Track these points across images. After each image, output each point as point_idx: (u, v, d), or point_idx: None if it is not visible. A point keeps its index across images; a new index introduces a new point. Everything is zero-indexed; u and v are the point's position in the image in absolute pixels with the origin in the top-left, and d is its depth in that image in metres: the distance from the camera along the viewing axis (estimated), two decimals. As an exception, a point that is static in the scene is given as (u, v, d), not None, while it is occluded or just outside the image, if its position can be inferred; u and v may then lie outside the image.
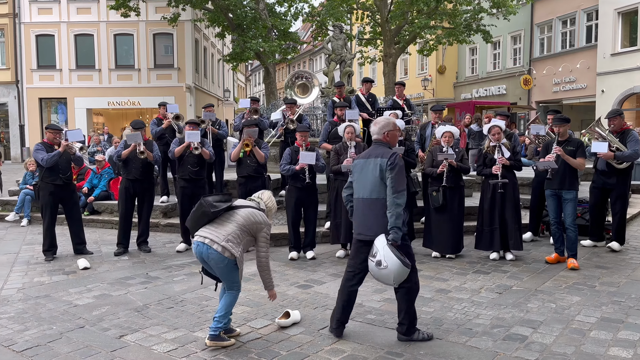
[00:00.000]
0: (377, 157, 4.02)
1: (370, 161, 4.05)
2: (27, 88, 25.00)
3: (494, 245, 6.52)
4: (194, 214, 4.04)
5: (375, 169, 3.99)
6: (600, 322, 4.43)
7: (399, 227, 3.87)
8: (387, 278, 3.90)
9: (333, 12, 19.50)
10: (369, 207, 4.03)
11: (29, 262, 6.81)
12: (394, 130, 4.19)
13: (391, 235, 3.87)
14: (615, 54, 19.83)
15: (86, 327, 4.45)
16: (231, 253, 3.94)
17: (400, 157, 4.06)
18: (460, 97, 29.26)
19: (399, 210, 3.86)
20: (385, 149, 4.08)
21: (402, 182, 3.93)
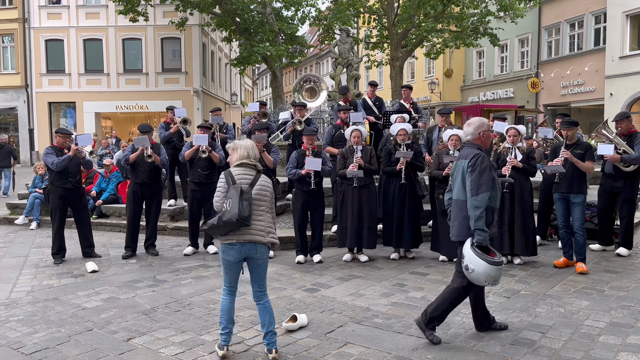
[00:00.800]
0: (461, 159, 4.12)
1: (458, 163, 4.17)
2: (37, 92, 25.21)
3: (503, 248, 6.48)
4: (228, 226, 3.80)
5: (459, 170, 4.10)
6: (609, 326, 4.40)
7: (480, 228, 3.91)
8: (479, 280, 3.94)
9: (340, 16, 19.54)
10: (457, 208, 4.14)
11: (38, 265, 6.86)
12: (488, 131, 4.26)
13: (475, 238, 3.93)
14: (624, 57, 19.70)
15: (94, 330, 4.47)
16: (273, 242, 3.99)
17: (483, 158, 4.03)
18: (468, 101, 29.18)
19: (477, 213, 3.90)
20: (472, 150, 4.11)
21: (481, 184, 3.93)
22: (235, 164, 3.95)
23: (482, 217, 3.90)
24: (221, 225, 3.77)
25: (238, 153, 3.97)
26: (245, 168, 3.94)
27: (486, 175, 3.95)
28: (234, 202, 3.73)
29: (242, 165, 3.94)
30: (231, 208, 3.73)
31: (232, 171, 3.91)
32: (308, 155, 6.65)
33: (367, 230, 6.67)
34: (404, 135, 6.79)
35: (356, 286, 5.67)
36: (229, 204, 3.74)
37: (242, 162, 3.93)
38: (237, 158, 3.96)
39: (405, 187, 6.74)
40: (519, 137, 6.52)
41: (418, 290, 5.51)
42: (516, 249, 6.43)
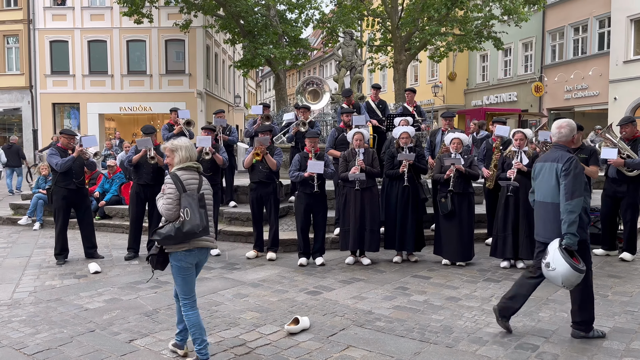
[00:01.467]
0: (553, 162, 4.13)
1: (547, 165, 4.18)
2: (41, 93, 25.29)
3: (507, 252, 6.46)
4: (189, 236, 3.73)
5: (551, 173, 4.12)
6: (612, 332, 4.38)
7: (572, 233, 3.94)
8: (555, 279, 3.99)
9: (344, 19, 19.56)
10: (543, 210, 4.20)
11: (40, 265, 6.87)
12: (578, 134, 4.29)
13: (565, 240, 3.96)
14: (628, 62, 19.66)
15: (96, 331, 4.47)
16: None
17: (577, 162, 4.07)
18: (471, 104, 29.14)
19: (572, 217, 3.94)
20: (562, 153, 4.15)
21: (577, 188, 3.97)
22: (179, 166, 3.83)
23: (576, 221, 3.96)
24: (180, 236, 3.65)
25: (180, 155, 3.85)
26: (190, 171, 3.85)
27: (580, 179, 4.01)
28: (192, 212, 3.63)
29: (187, 169, 3.84)
30: (191, 218, 3.62)
31: (179, 175, 3.77)
32: (311, 158, 6.65)
33: (370, 233, 6.66)
34: (406, 139, 6.79)
35: (358, 289, 5.66)
36: (187, 214, 3.63)
37: (187, 165, 3.85)
38: (180, 160, 3.85)
39: (408, 189, 6.73)
40: (525, 141, 6.51)
41: (421, 293, 5.50)
42: (521, 253, 6.41)
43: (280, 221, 8.42)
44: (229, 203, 9.07)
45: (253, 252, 7.18)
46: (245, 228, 8.18)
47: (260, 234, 7.27)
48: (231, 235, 8.19)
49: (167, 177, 3.81)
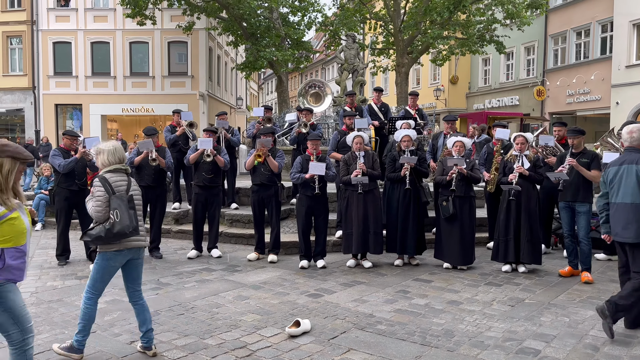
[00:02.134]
0: (631, 164, 4.41)
1: (624, 168, 4.43)
2: (44, 94, 25.36)
3: (508, 257, 6.45)
4: (118, 237, 3.81)
5: (630, 174, 4.37)
6: (615, 337, 4.36)
7: None
8: None
9: (346, 22, 19.57)
10: (628, 211, 4.37)
11: (42, 266, 6.88)
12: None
13: None
14: (630, 66, 19.65)
15: (98, 332, 4.48)
16: None
17: None
18: (473, 108, 29.14)
19: None
20: (639, 155, 4.41)
21: None
22: (107, 169, 3.92)
23: None
24: (111, 237, 3.76)
25: (102, 158, 3.94)
26: (119, 174, 3.94)
27: None
28: (122, 213, 3.75)
29: (115, 171, 3.93)
30: (121, 219, 3.75)
31: (107, 178, 3.86)
32: (312, 160, 6.65)
33: (373, 235, 6.66)
34: (407, 142, 6.79)
35: (360, 292, 5.66)
36: (117, 215, 3.75)
37: (116, 168, 3.93)
38: (103, 164, 3.94)
39: (410, 192, 6.73)
40: (527, 145, 6.51)
41: (422, 297, 5.49)
42: (522, 257, 6.41)
43: (282, 223, 8.42)
44: (231, 205, 9.08)
45: (254, 254, 7.18)
46: (247, 230, 8.18)
47: (261, 236, 7.28)
48: (232, 237, 8.19)
49: (96, 180, 3.90)
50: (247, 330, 4.51)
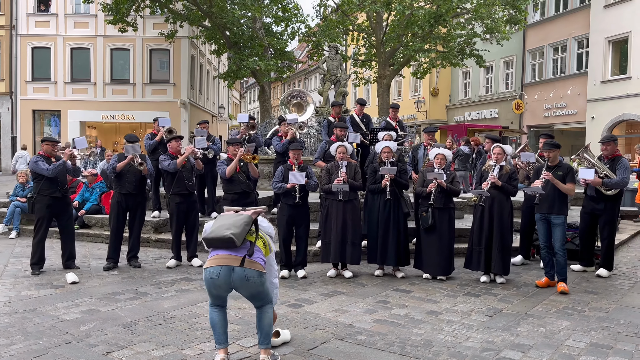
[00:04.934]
0: None
1: None
2: (21, 100, 24.95)
3: (480, 266, 6.56)
4: None
5: None
6: (589, 347, 4.44)
7: None
8: None
9: (329, 33, 19.73)
10: None
11: (16, 275, 6.73)
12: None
13: None
14: (605, 82, 20.17)
15: (73, 342, 4.39)
16: None
17: None
18: (453, 120, 29.54)
19: None
20: None
21: None
22: None
23: None
24: None
25: None
26: None
27: None
28: None
29: None
30: None
31: None
32: (293, 170, 6.67)
33: (351, 245, 6.68)
34: (387, 153, 6.86)
35: (340, 302, 5.66)
36: None
37: None
38: None
39: (390, 203, 6.78)
40: (504, 156, 6.63)
41: (401, 307, 5.52)
42: (493, 268, 6.50)
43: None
44: (211, 214, 9.01)
45: None
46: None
47: None
48: (212, 247, 8.12)
49: None
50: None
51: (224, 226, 3.75)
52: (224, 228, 3.73)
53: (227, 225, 3.75)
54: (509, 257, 6.61)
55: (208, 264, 3.77)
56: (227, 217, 3.86)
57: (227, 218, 3.84)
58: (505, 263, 6.53)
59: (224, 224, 3.77)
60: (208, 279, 3.77)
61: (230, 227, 3.72)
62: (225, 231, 3.70)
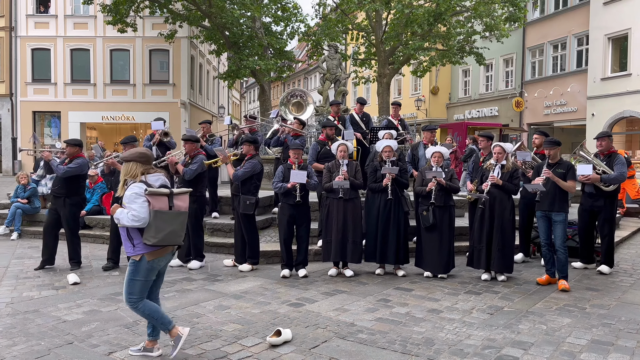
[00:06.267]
0: None
1: None
2: (21, 101, 24.97)
3: (481, 264, 6.56)
4: None
5: None
6: (590, 344, 4.45)
7: None
8: None
9: (328, 32, 19.74)
10: None
11: (18, 276, 6.75)
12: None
13: None
14: (605, 79, 20.16)
15: (75, 343, 4.40)
16: None
17: None
18: (453, 118, 29.54)
19: None
20: None
21: None
22: None
23: None
24: None
25: None
26: None
27: None
28: None
29: None
30: None
31: None
32: (294, 169, 6.68)
33: (352, 244, 6.69)
34: (389, 152, 6.86)
35: (341, 301, 5.67)
36: None
37: None
38: None
39: (390, 202, 6.78)
40: (504, 155, 6.62)
41: (403, 305, 5.52)
42: (492, 266, 6.50)
43: (263, 232, 8.42)
44: (212, 214, 9.03)
45: (230, 261, 7.32)
46: (228, 239, 8.14)
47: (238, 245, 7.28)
48: (214, 247, 8.14)
49: None
50: (227, 340, 4.49)
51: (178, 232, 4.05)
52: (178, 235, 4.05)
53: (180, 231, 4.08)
54: (511, 255, 6.60)
55: (158, 254, 4.01)
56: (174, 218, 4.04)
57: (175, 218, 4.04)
58: (507, 262, 6.52)
59: None
60: (155, 267, 4.07)
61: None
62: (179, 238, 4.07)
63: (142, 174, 3.98)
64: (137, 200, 3.85)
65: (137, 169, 3.98)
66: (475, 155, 7.95)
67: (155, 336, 4.18)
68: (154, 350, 4.15)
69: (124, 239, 3.99)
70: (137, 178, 3.96)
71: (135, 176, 3.97)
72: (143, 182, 3.94)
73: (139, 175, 3.97)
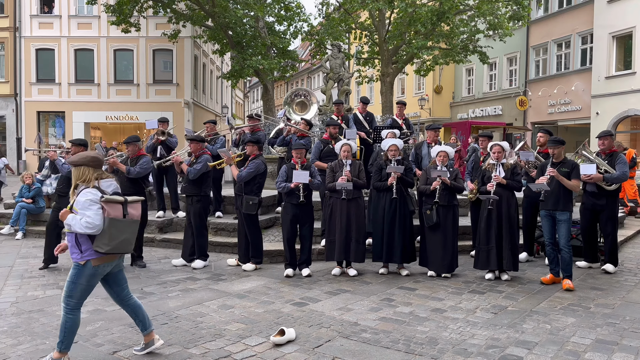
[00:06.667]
0: None
1: None
2: (26, 101, 25.06)
3: (490, 265, 6.53)
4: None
5: None
6: (595, 343, 4.43)
7: None
8: None
9: (332, 32, 19.71)
10: None
11: (23, 275, 6.77)
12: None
13: None
14: (610, 77, 20.07)
15: (79, 342, 4.42)
16: None
17: None
18: (457, 117, 29.47)
19: None
20: None
21: None
22: None
23: None
24: None
25: None
26: None
27: None
28: None
29: None
30: None
31: None
32: (297, 169, 6.68)
33: (355, 243, 6.68)
34: (394, 151, 6.85)
35: (345, 300, 5.67)
36: None
37: None
38: None
39: (396, 202, 6.77)
40: (503, 154, 6.62)
41: (406, 305, 5.52)
42: (505, 265, 6.48)
43: (267, 232, 8.42)
44: (215, 213, 9.04)
45: (233, 261, 7.34)
46: (232, 239, 8.15)
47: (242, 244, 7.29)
48: (217, 246, 8.16)
49: None
50: (231, 339, 4.49)
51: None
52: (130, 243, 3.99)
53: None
54: (517, 253, 6.61)
55: (105, 260, 3.91)
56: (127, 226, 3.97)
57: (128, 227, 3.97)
58: (516, 259, 6.53)
59: None
60: (99, 273, 3.96)
61: None
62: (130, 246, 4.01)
63: (96, 179, 3.87)
64: (91, 207, 3.72)
65: (90, 174, 3.85)
66: (475, 154, 7.94)
67: (147, 329, 4.17)
68: (155, 342, 4.15)
69: (71, 244, 3.83)
70: (90, 183, 3.83)
71: (88, 181, 3.83)
72: (97, 188, 3.82)
73: (92, 180, 3.84)
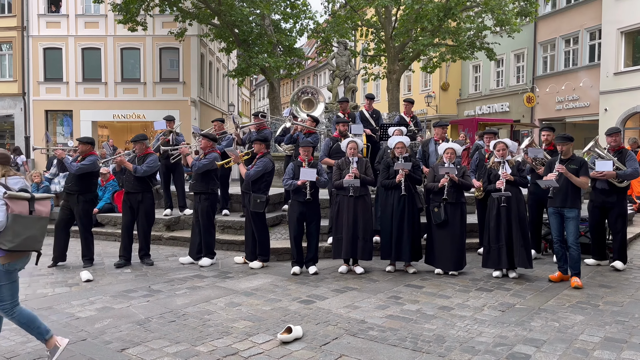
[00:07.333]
0: None
1: None
2: (34, 100, 25.20)
3: (502, 263, 6.48)
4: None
5: None
6: (603, 341, 4.41)
7: None
8: None
9: (338, 29, 19.67)
10: None
11: (32, 273, 6.82)
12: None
13: None
14: (618, 73, 19.89)
15: (88, 339, 4.45)
16: None
17: None
18: (464, 114, 29.33)
19: None
20: None
21: None
22: None
23: None
24: None
25: None
26: None
27: None
28: None
29: None
30: None
31: None
32: (304, 167, 6.68)
33: (362, 241, 6.67)
34: (401, 148, 6.83)
35: (351, 298, 5.67)
36: None
37: None
38: None
39: (404, 199, 6.75)
40: (507, 151, 6.59)
41: (413, 302, 5.51)
42: (517, 263, 6.44)
43: (274, 230, 8.44)
44: (222, 211, 9.06)
45: (240, 258, 7.37)
46: (239, 237, 8.17)
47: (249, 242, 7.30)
48: (224, 244, 8.18)
49: None
50: (238, 337, 4.51)
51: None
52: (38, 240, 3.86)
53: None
54: (530, 250, 6.57)
55: (12, 257, 3.76)
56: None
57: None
58: (529, 257, 6.48)
59: None
60: (12, 270, 3.82)
61: None
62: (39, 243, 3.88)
63: (3, 176, 3.79)
64: None
65: None
66: (479, 152, 7.91)
67: (45, 335, 3.95)
68: (59, 342, 3.97)
69: None
70: None
71: None
72: (2, 185, 3.71)
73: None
